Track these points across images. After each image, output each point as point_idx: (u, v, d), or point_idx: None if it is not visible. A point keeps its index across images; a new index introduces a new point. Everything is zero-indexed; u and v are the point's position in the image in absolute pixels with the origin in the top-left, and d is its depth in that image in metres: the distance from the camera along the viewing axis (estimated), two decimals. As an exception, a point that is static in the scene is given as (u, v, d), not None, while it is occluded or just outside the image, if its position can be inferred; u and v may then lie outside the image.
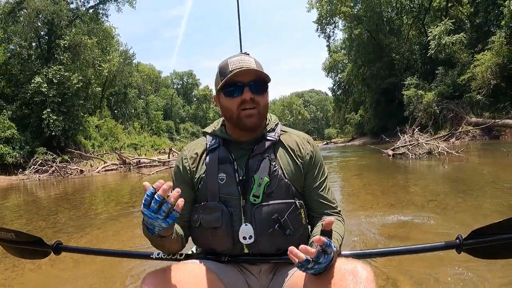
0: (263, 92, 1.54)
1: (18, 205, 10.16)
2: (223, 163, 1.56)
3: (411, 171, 11.30)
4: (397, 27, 41.52)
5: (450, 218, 4.68)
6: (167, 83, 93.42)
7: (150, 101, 69.62)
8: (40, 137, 27.50)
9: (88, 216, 6.99)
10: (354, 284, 1.16)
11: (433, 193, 6.65)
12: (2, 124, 25.36)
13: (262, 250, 1.50)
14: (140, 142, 48.23)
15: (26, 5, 31.19)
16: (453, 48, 27.00)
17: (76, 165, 24.15)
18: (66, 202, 9.54)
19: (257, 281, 1.55)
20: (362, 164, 15.49)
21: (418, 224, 4.49)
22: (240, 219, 1.50)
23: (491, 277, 2.72)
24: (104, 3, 38.47)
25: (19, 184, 18.21)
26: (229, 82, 1.50)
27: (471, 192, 6.40)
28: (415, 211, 5.14)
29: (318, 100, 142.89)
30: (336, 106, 68.86)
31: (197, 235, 1.60)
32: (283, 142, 1.63)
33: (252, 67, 1.50)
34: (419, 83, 30.92)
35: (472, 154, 13.85)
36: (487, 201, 5.46)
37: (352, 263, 1.25)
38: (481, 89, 23.06)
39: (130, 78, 55.42)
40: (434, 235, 3.95)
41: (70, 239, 5.20)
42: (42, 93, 27.24)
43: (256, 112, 1.52)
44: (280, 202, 1.50)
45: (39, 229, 5.94)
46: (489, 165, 10.91)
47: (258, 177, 1.50)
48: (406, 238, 3.97)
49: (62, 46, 30.21)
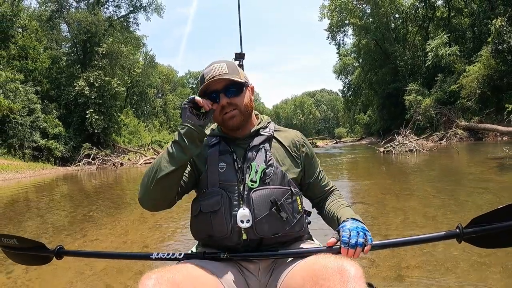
0: (238, 94, 1.62)
1: (82, 189, 13.80)
2: (223, 154, 1.64)
3: (389, 162, 15.86)
4: (402, 35, 44.18)
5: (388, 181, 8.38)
6: (183, 82, 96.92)
7: (168, 100, 72.97)
8: (82, 134, 31.51)
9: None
10: (341, 282, 1.13)
11: (391, 171, 10.66)
12: (51, 122, 29.29)
13: (260, 233, 1.51)
14: (164, 139, 51.23)
15: (68, 17, 34.95)
16: (449, 59, 29.97)
17: (117, 158, 27.99)
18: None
19: (256, 280, 1.57)
20: (358, 158, 20.02)
21: (371, 184, 8.14)
22: (239, 203, 1.54)
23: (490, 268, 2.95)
24: (134, 12, 42.00)
25: (73, 174, 22.01)
26: (206, 91, 1.59)
27: (414, 172, 10.37)
28: (373, 179, 9.07)
29: (329, 100, 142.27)
30: (346, 106, 70.70)
31: (196, 223, 1.64)
32: (277, 137, 1.73)
33: (223, 73, 1.57)
34: (419, 88, 33.80)
35: (439, 152, 18.26)
36: (418, 178, 9.35)
37: (339, 260, 1.23)
38: (470, 97, 26.15)
39: (151, 79, 58.84)
40: (381, 189, 7.56)
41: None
42: (85, 95, 31.09)
43: (237, 112, 1.61)
44: (276, 187, 1.56)
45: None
46: (442, 158, 15.66)
47: (255, 164, 1.57)
48: (367, 194, 7.58)
49: (100, 53, 33.88)
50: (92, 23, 34.01)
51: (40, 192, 12.67)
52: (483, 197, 6.24)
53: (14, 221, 7.08)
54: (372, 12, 42.19)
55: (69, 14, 34.76)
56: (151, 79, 58.44)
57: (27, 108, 27.54)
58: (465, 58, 30.84)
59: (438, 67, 32.32)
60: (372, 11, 42.26)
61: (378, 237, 4.11)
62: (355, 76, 53.79)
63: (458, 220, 3.19)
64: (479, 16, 31.35)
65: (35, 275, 3.74)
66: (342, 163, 17.21)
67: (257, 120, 1.77)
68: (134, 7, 41.48)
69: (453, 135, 24.93)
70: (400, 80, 39.76)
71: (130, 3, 41.40)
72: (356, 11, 43.27)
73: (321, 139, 72.11)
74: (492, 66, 25.26)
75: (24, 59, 31.99)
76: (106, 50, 34.07)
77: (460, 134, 24.69)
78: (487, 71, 25.38)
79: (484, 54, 25.77)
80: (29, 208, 8.92)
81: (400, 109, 37.34)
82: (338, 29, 48.30)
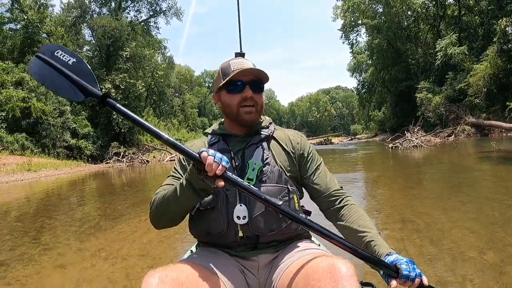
0: (260, 92, 1.67)
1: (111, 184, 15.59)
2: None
3: (395, 156, 17.72)
4: (414, 34, 44.97)
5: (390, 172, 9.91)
6: (200, 81, 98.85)
7: (186, 100, 74.79)
8: (109, 133, 33.57)
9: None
10: (332, 282, 1.14)
11: (392, 164, 12.16)
12: (80, 123, 31.33)
13: (256, 231, 1.54)
14: (183, 137, 52.76)
15: (92, 22, 36.94)
16: (458, 58, 30.97)
17: (143, 156, 29.94)
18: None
19: (255, 279, 1.58)
20: (369, 153, 21.94)
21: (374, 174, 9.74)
22: (235, 200, 1.55)
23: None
24: (154, 16, 43.86)
25: (105, 170, 23.91)
26: (232, 80, 1.62)
27: (414, 164, 11.90)
28: (379, 171, 10.55)
29: (344, 96, 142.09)
30: (361, 104, 70.84)
31: (194, 220, 1.65)
32: (276, 137, 1.75)
33: (253, 67, 1.62)
34: (430, 86, 34.84)
35: (442, 148, 19.91)
36: (413, 169, 10.76)
37: (330, 259, 1.24)
38: (477, 95, 27.24)
39: (170, 79, 60.70)
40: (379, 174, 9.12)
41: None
42: (111, 97, 32.91)
43: (254, 110, 1.65)
44: (273, 185, 1.58)
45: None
46: (439, 152, 17.35)
47: (252, 163, 1.59)
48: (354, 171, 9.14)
49: (124, 57, 35.81)
50: (116, 29, 35.97)
51: (95, 182, 14.51)
52: (447, 176, 9.62)
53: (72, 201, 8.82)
54: (384, 11, 43.22)
55: (94, 20, 36.77)
56: (169, 79, 60.15)
57: (57, 110, 29.46)
58: (475, 57, 31.60)
59: (449, 65, 33.01)
60: (384, 11, 43.28)
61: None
62: (369, 74, 54.56)
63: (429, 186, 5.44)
64: (488, 15, 32.16)
65: (34, 273, 3.80)
66: (355, 157, 18.86)
67: (259, 120, 1.80)
68: (154, 12, 43.50)
69: (461, 131, 26.13)
70: (412, 78, 40.73)
71: (150, 7, 43.31)
72: (369, 11, 44.30)
73: (336, 136, 73.21)
74: (498, 65, 26.22)
75: (52, 64, 33.94)
76: (129, 54, 35.98)
77: (468, 130, 25.85)
78: (494, 70, 26.35)
79: (490, 54, 26.77)
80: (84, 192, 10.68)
81: (412, 106, 38.11)
82: (351, 29, 49.43)
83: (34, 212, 8.23)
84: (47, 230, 6.01)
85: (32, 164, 21.16)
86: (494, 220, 4.63)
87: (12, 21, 33.50)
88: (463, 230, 4.22)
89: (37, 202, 10.07)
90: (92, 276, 3.60)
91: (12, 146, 24.34)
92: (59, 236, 5.58)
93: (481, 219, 4.66)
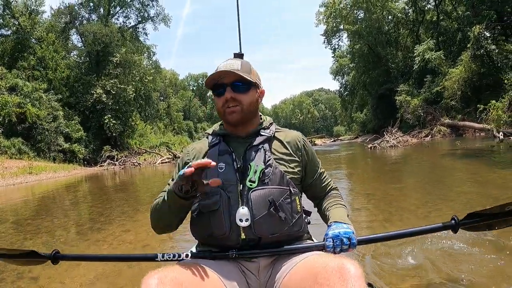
0: (245, 91, 1.66)
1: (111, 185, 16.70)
2: (222, 154, 1.67)
3: (373, 155, 19.42)
4: (394, 38, 46.18)
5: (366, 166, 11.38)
6: (184, 85, 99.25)
7: (171, 103, 75.34)
8: (100, 138, 34.42)
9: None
10: (341, 281, 1.14)
11: (368, 161, 13.90)
12: (73, 127, 32.17)
13: (258, 233, 1.53)
14: (170, 140, 53.37)
15: (83, 28, 37.68)
16: (435, 62, 32.54)
17: (135, 159, 30.92)
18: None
19: (256, 280, 1.59)
20: (350, 153, 23.61)
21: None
22: (238, 202, 1.55)
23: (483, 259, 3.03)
24: (143, 22, 44.75)
25: (100, 173, 24.84)
26: (216, 84, 1.67)
27: (385, 160, 13.63)
28: (356, 166, 12.05)
29: (327, 99, 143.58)
30: (343, 106, 72.10)
31: (195, 222, 1.66)
32: (278, 138, 1.75)
33: (234, 69, 1.62)
34: (409, 89, 36.23)
35: (415, 147, 21.77)
36: (380, 163, 12.30)
37: (339, 259, 1.24)
38: (452, 97, 28.80)
39: (156, 83, 61.05)
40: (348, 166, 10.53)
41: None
42: (102, 102, 33.97)
43: (238, 109, 1.64)
44: (275, 187, 1.57)
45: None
46: (410, 151, 19.27)
47: (254, 165, 1.59)
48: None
49: (114, 62, 36.66)
50: (106, 35, 36.76)
51: (91, 184, 15.54)
52: (408, 166, 12.48)
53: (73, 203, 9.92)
54: (365, 17, 44.47)
55: (85, 27, 37.52)
56: (156, 84, 60.54)
57: (51, 115, 30.27)
58: (452, 61, 32.81)
59: (428, 69, 34.17)
60: (365, 16, 44.47)
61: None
62: (351, 77, 55.81)
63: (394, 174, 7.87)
64: (464, 21, 33.66)
65: (38, 276, 3.71)
66: (338, 157, 20.32)
67: (259, 121, 1.80)
68: (143, 18, 44.37)
69: (437, 132, 27.68)
70: (392, 81, 41.86)
71: (138, 14, 44.22)
72: (350, 17, 45.45)
73: (320, 138, 74.27)
74: (472, 69, 27.67)
75: (44, 69, 34.76)
76: (119, 60, 36.86)
77: (443, 131, 27.39)
78: (468, 74, 27.82)
79: (464, 59, 28.36)
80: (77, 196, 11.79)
81: (392, 108, 39.05)
82: (333, 34, 50.79)
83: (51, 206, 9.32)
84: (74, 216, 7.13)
85: (33, 167, 22.05)
86: (429, 191, 6.81)
87: (3, 27, 34.23)
88: (406, 197, 6.47)
89: (51, 199, 11.19)
90: (93, 277, 3.57)
91: (9, 150, 25.12)
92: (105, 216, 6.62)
93: (420, 192, 7.00)
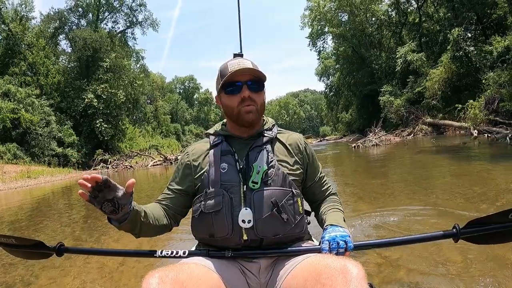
0: (259, 91, 1.66)
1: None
2: (225, 155, 1.65)
3: (356, 153, 20.52)
4: (378, 40, 47.43)
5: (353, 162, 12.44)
6: (171, 88, 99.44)
7: (159, 106, 75.70)
8: (92, 142, 35.03)
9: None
10: (344, 282, 1.13)
11: (352, 158, 15.00)
12: (65, 132, 32.73)
13: (261, 234, 1.53)
14: (159, 143, 54.09)
15: (73, 34, 38.17)
16: (417, 64, 33.74)
17: (127, 162, 31.59)
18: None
19: (256, 280, 1.58)
20: (336, 152, 24.76)
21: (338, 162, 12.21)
22: (240, 203, 1.55)
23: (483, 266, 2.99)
24: (131, 27, 45.36)
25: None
26: (229, 81, 1.62)
27: (366, 158, 14.72)
28: (340, 163, 13.10)
29: (312, 99, 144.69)
30: (329, 107, 73.15)
31: (197, 223, 1.64)
32: (280, 139, 1.74)
33: (249, 67, 1.61)
34: (392, 90, 37.38)
35: (397, 145, 22.83)
36: (363, 159, 13.46)
37: (342, 260, 1.23)
38: (433, 97, 29.99)
39: (144, 87, 61.54)
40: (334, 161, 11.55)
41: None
42: (93, 106, 34.54)
43: (254, 108, 1.63)
44: (277, 188, 1.57)
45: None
46: (390, 149, 20.48)
47: (257, 166, 1.58)
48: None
49: (104, 67, 37.21)
50: (96, 40, 37.30)
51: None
52: (384, 162, 13.57)
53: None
54: (349, 20, 45.67)
55: (74, 32, 38.02)
56: (144, 87, 61.00)
57: (44, 120, 30.81)
58: (433, 62, 33.87)
59: (410, 70, 35.31)
60: (349, 19, 45.71)
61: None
62: (336, 78, 56.74)
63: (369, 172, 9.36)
64: (445, 22, 34.56)
65: (40, 273, 3.80)
66: (324, 156, 21.25)
67: (261, 122, 1.79)
68: (131, 23, 44.93)
69: (419, 130, 28.77)
70: (376, 82, 43.06)
71: (127, 19, 44.78)
72: (334, 20, 46.53)
73: (306, 138, 73.84)
74: (452, 70, 28.85)
75: (35, 75, 35.20)
76: (109, 64, 37.43)
77: (425, 129, 28.48)
78: (448, 74, 29.06)
79: (444, 60, 29.57)
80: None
81: (376, 108, 40.12)
82: (318, 37, 52.11)
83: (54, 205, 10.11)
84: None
85: (31, 171, 22.66)
86: (403, 178, 8.64)
87: (-6, 32, 34.44)
88: (382, 186, 7.69)
89: (53, 200, 11.90)
90: (94, 276, 3.66)
91: (5, 155, 25.64)
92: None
93: (398, 180, 8.57)
